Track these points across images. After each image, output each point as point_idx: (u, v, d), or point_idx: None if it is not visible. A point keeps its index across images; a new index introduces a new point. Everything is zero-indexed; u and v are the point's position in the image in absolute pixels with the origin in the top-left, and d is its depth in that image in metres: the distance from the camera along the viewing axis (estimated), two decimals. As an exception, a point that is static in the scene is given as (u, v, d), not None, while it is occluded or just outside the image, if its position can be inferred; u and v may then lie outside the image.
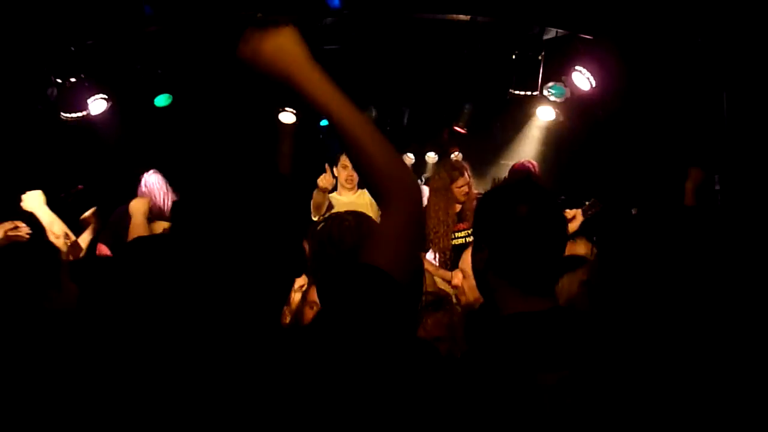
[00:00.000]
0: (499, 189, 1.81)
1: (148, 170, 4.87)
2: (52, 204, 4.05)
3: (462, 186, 4.90)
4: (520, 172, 5.36)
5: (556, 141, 6.33)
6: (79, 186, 4.95)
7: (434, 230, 4.83)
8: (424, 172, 8.19)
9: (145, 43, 5.61)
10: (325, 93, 1.37)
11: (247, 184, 1.28)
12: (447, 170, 5.03)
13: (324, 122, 7.30)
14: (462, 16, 4.92)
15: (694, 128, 4.70)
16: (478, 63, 5.56)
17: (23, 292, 2.03)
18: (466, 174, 4.95)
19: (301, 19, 5.22)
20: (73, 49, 5.46)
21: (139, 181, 4.76)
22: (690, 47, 4.55)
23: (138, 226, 3.91)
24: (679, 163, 4.10)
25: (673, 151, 4.78)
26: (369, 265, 1.22)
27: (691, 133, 4.72)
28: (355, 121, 1.34)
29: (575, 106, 5.69)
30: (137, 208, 4.04)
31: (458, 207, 4.97)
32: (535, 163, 5.60)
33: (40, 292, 2.05)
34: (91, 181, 5.19)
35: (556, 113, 5.86)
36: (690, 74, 4.67)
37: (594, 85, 5.24)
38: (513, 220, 1.58)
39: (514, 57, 5.16)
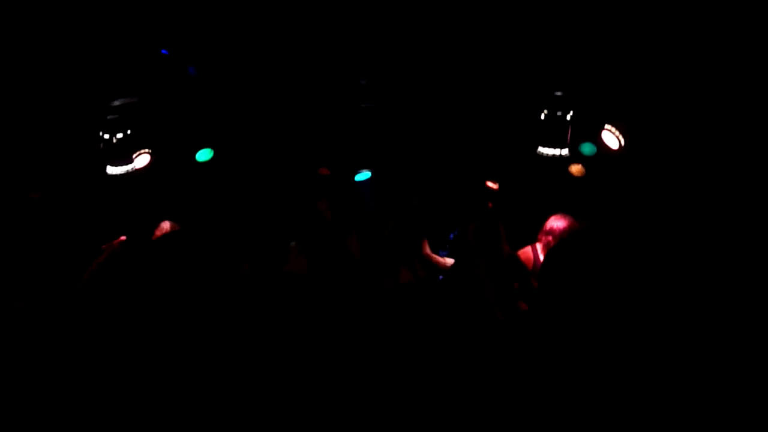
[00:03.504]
0: None
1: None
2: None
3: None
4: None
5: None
6: (122, 237, 5.15)
7: None
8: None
9: (188, 100, 5.89)
10: None
11: None
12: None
13: (358, 177, 7.52)
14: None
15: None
16: (510, 122, 5.72)
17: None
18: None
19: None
20: (119, 105, 5.75)
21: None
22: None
23: None
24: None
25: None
26: None
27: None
28: None
29: (605, 163, 5.78)
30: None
31: None
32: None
33: None
34: (134, 233, 5.40)
35: (587, 170, 5.96)
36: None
37: (623, 144, 5.34)
38: None
39: (542, 117, 5.30)
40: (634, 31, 4.69)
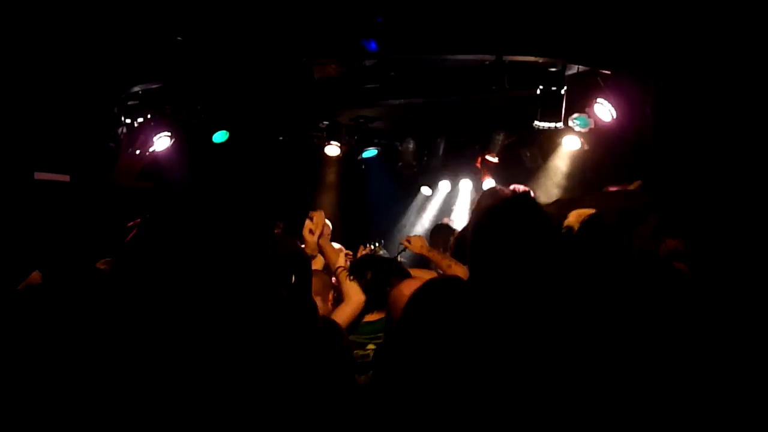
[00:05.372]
0: None
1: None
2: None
3: None
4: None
5: (581, 168, 6.71)
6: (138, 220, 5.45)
7: None
8: (458, 199, 8.54)
9: (205, 84, 6.19)
10: None
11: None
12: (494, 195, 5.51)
13: (366, 154, 7.84)
14: (488, 57, 5.43)
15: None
16: (507, 97, 6.02)
17: None
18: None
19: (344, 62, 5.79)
20: (140, 91, 6.08)
21: None
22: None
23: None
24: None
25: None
26: None
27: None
28: None
29: (599, 136, 6.07)
30: None
31: None
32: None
33: None
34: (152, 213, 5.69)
35: (582, 143, 6.28)
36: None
37: (615, 117, 5.65)
38: None
39: (538, 92, 5.60)
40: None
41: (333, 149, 7.39)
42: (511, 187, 5.86)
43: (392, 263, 4.02)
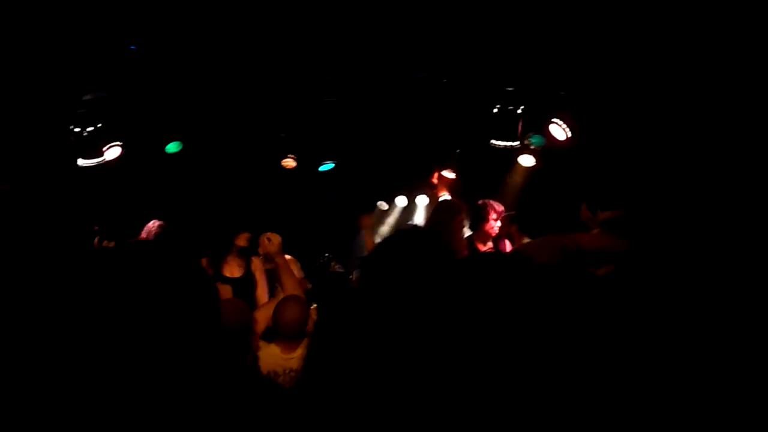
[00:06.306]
0: None
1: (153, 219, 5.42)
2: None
3: (462, 221, 5.48)
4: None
5: (536, 185, 6.79)
6: (94, 227, 5.33)
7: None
8: (414, 213, 8.56)
9: (157, 94, 6.07)
10: None
11: None
12: (449, 207, 5.58)
13: (322, 168, 7.79)
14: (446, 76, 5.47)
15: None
16: (464, 115, 6.06)
17: None
18: (463, 213, 5.53)
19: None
20: (89, 99, 5.91)
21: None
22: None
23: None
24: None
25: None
26: None
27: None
28: None
29: (553, 154, 6.16)
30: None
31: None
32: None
33: None
34: (105, 223, 5.57)
35: (536, 160, 6.36)
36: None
37: (569, 135, 5.74)
38: None
39: (495, 111, 5.66)
40: (584, 29, 4.96)
41: (290, 162, 7.33)
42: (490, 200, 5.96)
43: (346, 278, 4.03)
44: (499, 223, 5.88)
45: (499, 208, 5.88)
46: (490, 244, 5.89)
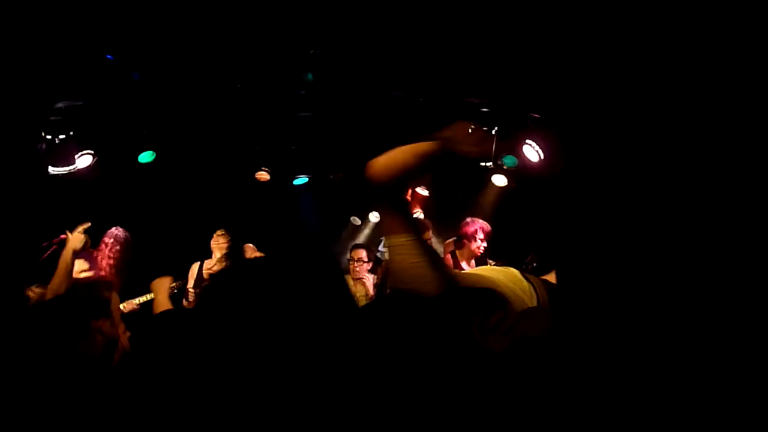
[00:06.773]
0: None
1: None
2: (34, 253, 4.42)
3: (429, 240, 5.50)
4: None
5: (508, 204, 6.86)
6: (62, 236, 5.26)
7: None
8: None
9: (131, 104, 6.02)
10: None
11: None
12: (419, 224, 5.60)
13: (296, 182, 7.78)
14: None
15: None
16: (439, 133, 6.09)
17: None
18: (429, 231, 5.54)
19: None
20: (63, 107, 5.85)
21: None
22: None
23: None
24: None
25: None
26: None
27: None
28: None
29: (526, 175, 6.22)
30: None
31: None
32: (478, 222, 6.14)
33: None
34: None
35: (508, 180, 6.42)
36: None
37: (542, 157, 5.79)
38: None
39: (470, 131, 5.68)
40: (559, 47, 5.02)
41: (264, 175, 7.32)
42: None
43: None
44: (485, 244, 5.97)
45: (487, 228, 5.95)
46: (473, 263, 5.92)
